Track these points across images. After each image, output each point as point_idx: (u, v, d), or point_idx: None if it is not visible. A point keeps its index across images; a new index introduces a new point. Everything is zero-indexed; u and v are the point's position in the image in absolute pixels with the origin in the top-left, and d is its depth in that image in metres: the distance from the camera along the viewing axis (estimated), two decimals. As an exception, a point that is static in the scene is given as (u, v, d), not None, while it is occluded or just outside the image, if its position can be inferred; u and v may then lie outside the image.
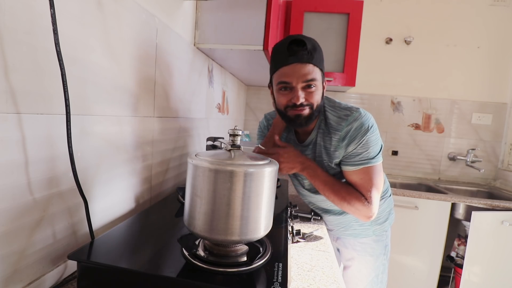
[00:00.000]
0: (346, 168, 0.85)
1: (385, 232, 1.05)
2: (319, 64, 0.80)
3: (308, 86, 0.79)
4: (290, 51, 0.77)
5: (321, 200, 1.00)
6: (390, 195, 1.08)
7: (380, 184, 0.84)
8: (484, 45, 2.16)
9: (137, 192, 0.81)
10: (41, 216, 0.50)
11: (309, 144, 0.92)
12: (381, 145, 0.84)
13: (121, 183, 0.73)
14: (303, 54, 0.76)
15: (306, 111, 0.81)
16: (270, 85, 0.89)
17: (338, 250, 1.16)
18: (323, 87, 0.85)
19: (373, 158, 0.81)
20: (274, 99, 0.89)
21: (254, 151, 0.88)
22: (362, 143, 0.81)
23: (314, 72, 0.78)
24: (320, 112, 0.87)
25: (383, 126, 2.29)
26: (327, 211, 1.02)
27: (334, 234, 1.10)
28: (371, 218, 0.84)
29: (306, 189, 1.01)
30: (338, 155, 0.86)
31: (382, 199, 1.01)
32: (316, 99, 0.81)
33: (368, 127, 0.80)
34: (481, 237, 1.60)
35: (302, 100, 0.79)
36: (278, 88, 0.82)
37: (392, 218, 1.08)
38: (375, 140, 0.82)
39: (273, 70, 0.84)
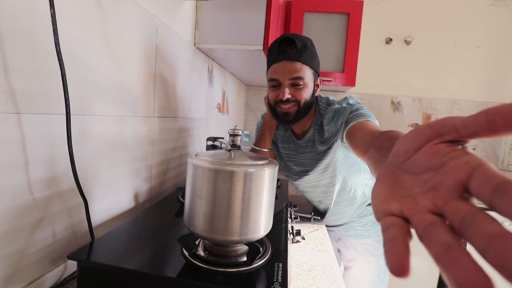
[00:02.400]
0: (351, 124, 0.72)
1: None
2: (309, 63, 0.81)
3: (295, 84, 0.81)
4: (279, 49, 0.80)
5: (312, 192, 1.00)
6: None
7: None
8: (484, 45, 2.16)
9: (137, 192, 0.81)
10: (41, 216, 0.50)
11: (308, 141, 0.93)
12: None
13: (121, 183, 0.73)
14: (291, 52, 0.79)
15: (293, 108, 0.83)
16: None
17: (338, 250, 1.16)
18: (317, 86, 0.86)
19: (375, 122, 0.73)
20: (268, 100, 0.92)
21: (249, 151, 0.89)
22: (354, 109, 0.75)
23: (303, 70, 0.80)
24: (310, 110, 0.88)
25: (383, 126, 2.26)
26: (320, 201, 1.03)
27: (335, 235, 1.10)
28: None
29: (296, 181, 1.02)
30: (334, 131, 0.83)
31: None
32: (304, 96, 0.82)
33: (356, 102, 0.81)
34: (481, 237, 1.60)
35: (288, 96, 0.81)
36: (269, 85, 0.87)
37: None
38: (370, 113, 0.76)
39: (267, 68, 0.89)
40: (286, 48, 0.80)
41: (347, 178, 0.95)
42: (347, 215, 1.02)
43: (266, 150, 0.97)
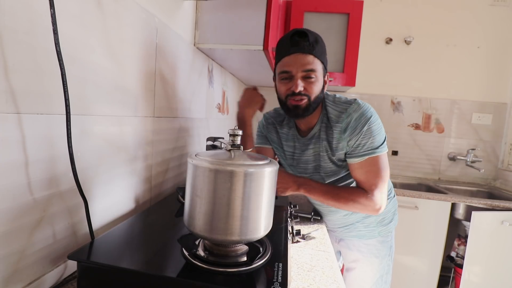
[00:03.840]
0: (352, 161, 0.84)
1: (390, 233, 1.05)
2: (321, 57, 0.82)
3: (308, 76, 0.81)
4: (292, 42, 0.80)
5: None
6: (394, 196, 1.07)
7: (387, 175, 0.83)
8: (484, 45, 2.16)
9: (137, 192, 0.81)
10: (41, 216, 0.50)
11: (311, 137, 0.93)
12: (385, 136, 0.85)
13: (121, 183, 0.73)
14: (304, 45, 0.79)
15: (304, 101, 0.83)
16: (274, 77, 0.92)
17: (339, 252, 1.16)
18: (325, 82, 0.87)
19: (377, 148, 0.82)
20: (277, 91, 0.91)
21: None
22: (365, 133, 0.81)
23: (315, 63, 0.80)
24: (319, 105, 0.88)
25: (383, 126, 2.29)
26: (331, 211, 1.02)
27: (337, 236, 1.09)
28: (380, 210, 0.83)
29: None
30: (342, 148, 0.86)
31: (387, 199, 1.01)
32: (315, 90, 0.83)
33: (368, 116, 0.82)
34: (481, 237, 1.60)
35: (300, 88, 0.81)
36: (279, 78, 0.86)
37: (396, 219, 1.08)
38: (378, 129, 0.82)
39: (276, 62, 0.87)
40: (299, 41, 0.79)
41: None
42: (354, 217, 1.01)
43: (251, 150, 0.99)
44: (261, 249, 0.57)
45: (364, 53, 2.10)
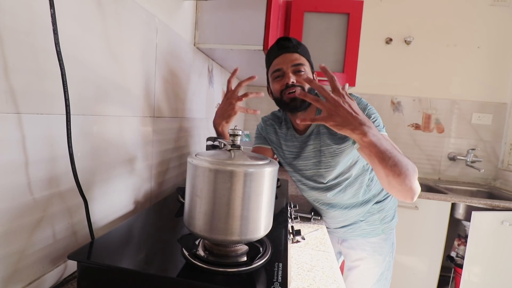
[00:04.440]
0: None
1: (392, 230, 1.06)
2: (305, 55, 0.91)
3: (298, 70, 0.88)
4: (278, 46, 0.90)
5: (327, 198, 1.00)
6: None
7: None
8: (484, 45, 2.16)
9: (137, 192, 0.81)
10: (41, 216, 0.50)
11: (310, 134, 0.94)
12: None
13: (121, 183, 0.73)
14: (289, 46, 0.89)
15: (298, 91, 0.86)
16: (268, 86, 0.97)
17: (340, 253, 1.16)
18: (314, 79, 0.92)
19: (383, 127, 0.85)
20: (273, 97, 0.95)
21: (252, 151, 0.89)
22: (367, 115, 0.84)
23: (301, 59, 0.89)
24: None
25: (383, 126, 2.29)
26: (332, 206, 1.01)
27: (340, 236, 1.09)
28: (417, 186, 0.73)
29: (310, 187, 1.01)
30: (345, 136, 0.87)
31: (389, 196, 1.02)
32: None
33: (365, 103, 0.88)
34: (481, 237, 1.60)
35: (293, 80, 0.86)
36: (272, 78, 0.92)
37: (397, 217, 1.09)
38: (376, 113, 0.87)
39: (267, 68, 0.94)
40: (284, 43, 0.89)
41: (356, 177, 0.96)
42: (352, 214, 1.01)
43: None
44: (261, 249, 0.57)
45: (364, 53, 2.10)
